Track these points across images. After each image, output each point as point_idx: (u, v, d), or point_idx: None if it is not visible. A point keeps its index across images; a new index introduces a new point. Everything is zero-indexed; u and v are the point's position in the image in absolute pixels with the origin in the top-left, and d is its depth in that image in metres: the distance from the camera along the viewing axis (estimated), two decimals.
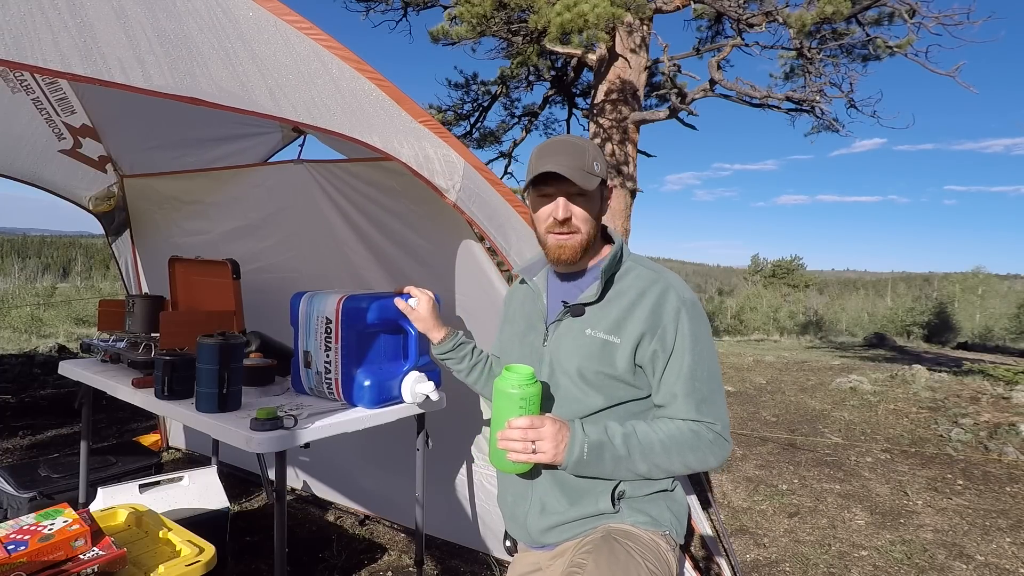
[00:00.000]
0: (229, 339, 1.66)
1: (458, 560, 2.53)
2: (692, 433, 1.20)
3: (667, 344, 1.21)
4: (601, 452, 1.17)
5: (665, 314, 1.21)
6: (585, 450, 1.16)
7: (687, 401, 1.20)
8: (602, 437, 1.18)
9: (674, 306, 1.22)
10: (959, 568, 2.72)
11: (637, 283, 1.26)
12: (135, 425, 4.30)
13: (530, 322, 1.38)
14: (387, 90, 1.69)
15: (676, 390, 1.21)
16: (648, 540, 1.21)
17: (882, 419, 5.32)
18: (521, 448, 1.14)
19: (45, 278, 17.72)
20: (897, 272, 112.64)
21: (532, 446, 1.15)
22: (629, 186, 7.97)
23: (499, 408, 1.18)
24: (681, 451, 1.19)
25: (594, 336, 1.24)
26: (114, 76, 1.19)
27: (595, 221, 1.28)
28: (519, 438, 1.14)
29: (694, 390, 1.20)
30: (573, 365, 1.25)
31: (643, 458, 1.19)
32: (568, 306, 1.28)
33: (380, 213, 2.29)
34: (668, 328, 1.21)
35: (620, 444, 1.18)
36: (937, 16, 7.02)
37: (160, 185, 3.11)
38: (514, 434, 1.14)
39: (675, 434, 1.20)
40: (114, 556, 1.47)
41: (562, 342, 1.28)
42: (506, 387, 1.17)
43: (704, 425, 1.21)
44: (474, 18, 6.82)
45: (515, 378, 1.17)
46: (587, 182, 1.21)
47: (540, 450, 1.15)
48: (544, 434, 1.15)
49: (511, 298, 1.51)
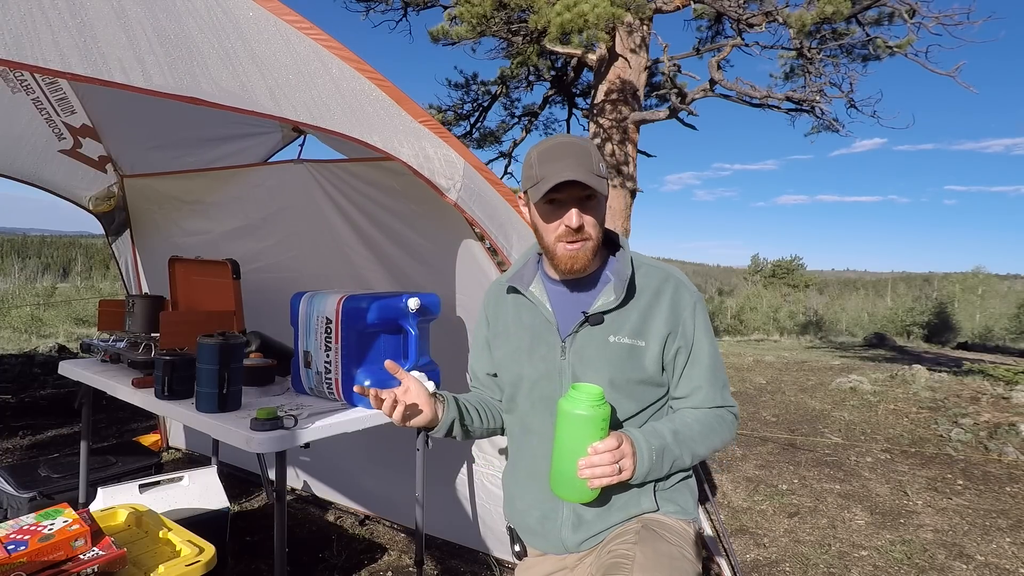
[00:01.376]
0: (229, 339, 1.66)
1: (458, 560, 2.53)
2: (718, 418, 1.26)
3: (688, 340, 1.24)
4: (663, 456, 1.17)
5: (683, 310, 1.23)
6: (653, 458, 1.15)
7: (711, 389, 1.25)
8: (659, 442, 1.17)
9: (689, 302, 1.24)
10: (959, 568, 2.72)
11: (649, 283, 1.25)
12: (135, 425, 4.30)
13: (536, 335, 1.28)
14: (387, 90, 1.69)
15: (701, 382, 1.25)
16: (682, 530, 1.23)
17: (882, 419, 5.32)
18: (610, 472, 1.07)
19: (45, 278, 17.72)
20: (897, 272, 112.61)
21: (618, 467, 1.08)
22: (629, 186, 7.97)
23: (574, 433, 1.08)
24: (711, 437, 1.25)
25: (620, 342, 1.21)
26: (114, 76, 1.19)
27: (602, 226, 1.24)
28: (609, 462, 1.07)
29: (715, 379, 1.26)
30: (603, 376, 1.20)
31: (689, 451, 1.22)
32: (587, 315, 1.22)
33: (380, 213, 2.29)
34: (687, 324, 1.23)
35: (673, 443, 1.19)
36: (937, 16, 7.02)
37: (160, 185, 3.11)
38: (604, 459, 1.06)
39: (706, 422, 1.25)
40: (114, 556, 1.47)
41: (585, 353, 1.22)
42: (579, 409, 1.07)
43: (726, 409, 1.28)
44: (474, 18, 6.82)
45: (591, 398, 1.07)
46: (600, 186, 1.14)
47: (624, 468, 1.09)
48: (627, 451, 1.10)
49: (498, 309, 1.38)
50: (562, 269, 1.23)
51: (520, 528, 1.37)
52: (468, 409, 1.35)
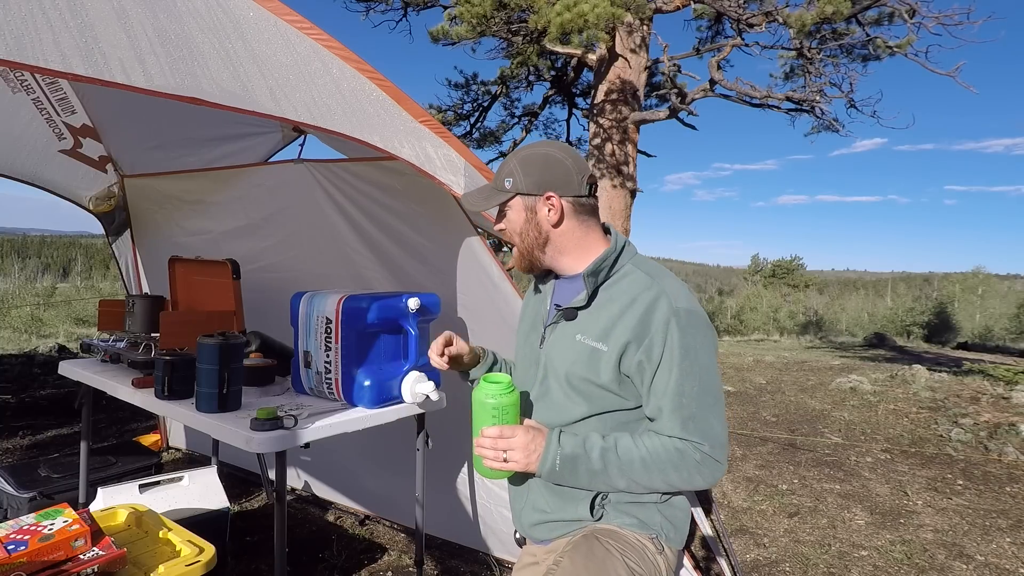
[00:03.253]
0: (229, 339, 1.66)
1: (458, 560, 2.53)
2: (677, 452, 1.15)
3: (653, 356, 1.15)
4: (575, 465, 1.17)
5: (653, 323, 1.15)
6: (557, 462, 1.17)
7: (672, 418, 1.15)
8: (577, 450, 1.17)
9: (663, 316, 1.15)
10: (959, 568, 2.72)
11: (630, 289, 1.21)
12: (135, 425, 4.30)
13: (534, 323, 1.39)
14: (387, 90, 1.69)
15: (662, 404, 1.16)
16: (633, 540, 1.20)
17: (882, 419, 5.32)
18: (492, 456, 1.17)
19: (45, 278, 17.72)
20: (897, 272, 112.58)
21: (503, 455, 1.17)
22: (629, 186, 7.97)
23: (475, 416, 1.21)
24: (663, 469, 1.15)
25: (583, 342, 1.22)
26: (115, 76, 1.19)
27: (530, 234, 1.27)
28: (490, 447, 1.17)
29: (680, 406, 1.14)
30: (562, 370, 1.25)
31: (621, 474, 1.16)
32: (560, 309, 1.27)
33: (381, 212, 2.28)
34: (656, 339, 1.14)
35: (597, 458, 1.16)
36: (937, 16, 7.02)
37: (160, 185, 3.11)
38: (485, 443, 1.17)
39: (659, 451, 1.15)
40: (114, 556, 1.47)
41: (555, 346, 1.28)
42: (481, 396, 1.18)
43: (690, 444, 1.14)
44: (474, 18, 6.82)
45: (491, 388, 1.18)
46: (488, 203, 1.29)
47: (511, 459, 1.17)
48: (514, 444, 1.17)
49: (527, 297, 1.52)
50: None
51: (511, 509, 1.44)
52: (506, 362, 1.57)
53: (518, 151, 1.31)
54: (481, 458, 1.20)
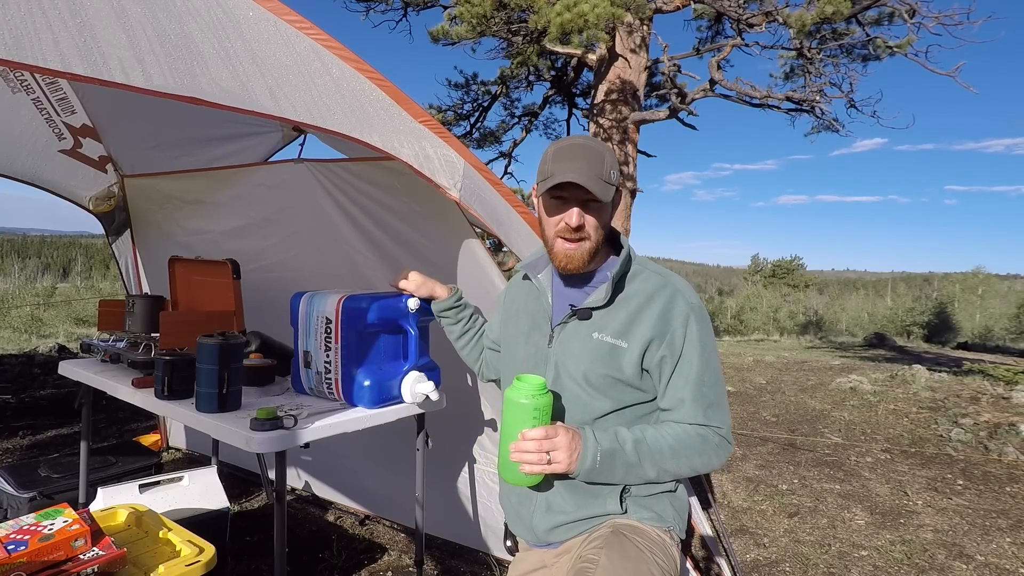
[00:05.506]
0: (229, 339, 1.66)
1: (458, 560, 2.53)
2: (699, 437, 1.21)
3: (675, 350, 1.21)
4: (613, 460, 1.17)
5: (674, 319, 1.21)
6: (598, 459, 1.16)
7: (695, 406, 1.21)
8: (614, 445, 1.18)
9: (683, 312, 1.21)
10: (959, 568, 2.72)
11: (645, 287, 1.25)
12: (135, 425, 4.30)
13: (534, 321, 1.36)
14: (387, 90, 1.69)
15: (684, 395, 1.21)
16: (655, 536, 1.22)
17: (882, 419, 5.32)
18: (536, 459, 1.13)
19: (45, 278, 17.73)
20: (897, 272, 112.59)
21: (547, 456, 1.13)
22: (629, 186, 7.97)
23: (511, 419, 1.15)
24: (689, 455, 1.20)
25: (602, 340, 1.23)
26: (114, 76, 1.18)
27: (605, 229, 1.27)
28: (534, 449, 1.13)
29: (702, 395, 1.21)
30: (580, 369, 1.25)
31: (653, 464, 1.19)
32: (575, 309, 1.27)
33: (381, 212, 2.28)
34: (677, 334, 1.21)
35: (631, 451, 1.18)
36: (937, 16, 7.02)
37: (161, 185, 3.11)
38: (529, 445, 1.13)
39: (683, 438, 1.20)
40: (114, 556, 1.47)
41: (569, 345, 1.27)
42: (518, 397, 1.14)
43: (711, 429, 1.22)
44: (474, 18, 6.82)
45: (527, 388, 1.14)
46: (604, 192, 1.19)
47: (555, 460, 1.13)
48: (559, 444, 1.13)
49: (511, 292, 1.50)
50: (558, 265, 1.29)
51: (506, 513, 1.42)
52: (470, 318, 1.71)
53: (588, 140, 1.26)
54: (519, 462, 1.14)
